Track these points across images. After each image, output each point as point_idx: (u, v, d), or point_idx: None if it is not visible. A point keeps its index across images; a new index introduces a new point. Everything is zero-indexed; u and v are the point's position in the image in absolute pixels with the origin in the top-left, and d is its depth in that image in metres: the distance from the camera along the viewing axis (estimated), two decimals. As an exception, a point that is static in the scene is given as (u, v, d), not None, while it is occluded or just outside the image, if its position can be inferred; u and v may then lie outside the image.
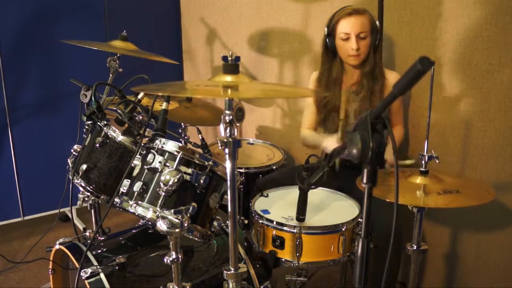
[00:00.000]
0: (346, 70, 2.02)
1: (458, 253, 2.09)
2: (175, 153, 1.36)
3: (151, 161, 1.37)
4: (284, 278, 1.67)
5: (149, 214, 1.33)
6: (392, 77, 1.98)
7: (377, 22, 1.93)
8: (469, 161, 1.98)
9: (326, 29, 1.95)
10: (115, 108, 1.60)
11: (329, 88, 2.02)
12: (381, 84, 1.95)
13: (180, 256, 1.31)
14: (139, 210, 1.35)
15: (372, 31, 1.90)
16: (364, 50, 1.91)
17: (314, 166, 1.52)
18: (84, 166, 1.60)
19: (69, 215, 2.96)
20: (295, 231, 1.56)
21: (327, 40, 1.96)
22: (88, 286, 1.40)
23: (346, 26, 1.89)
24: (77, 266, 1.44)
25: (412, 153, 2.16)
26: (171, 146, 1.37)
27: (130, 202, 1.37)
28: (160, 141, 1.39)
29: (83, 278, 1.40)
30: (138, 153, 1.42)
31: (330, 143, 1.86)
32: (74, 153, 1.70)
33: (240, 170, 2.19)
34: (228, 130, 1.20)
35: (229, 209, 1.26)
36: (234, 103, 1.20)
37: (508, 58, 1.80)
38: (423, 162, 1.50)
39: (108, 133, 1.60)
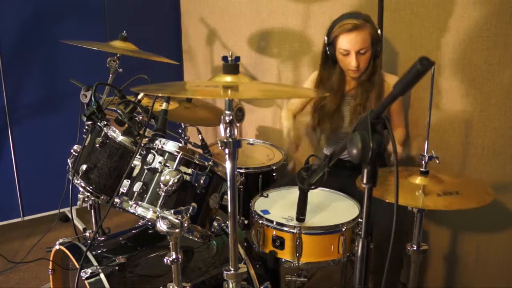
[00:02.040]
0: (345, 77, 2.02)
1: (458, 253, 2.09)
2: (175, 153, 1.36)
3: (151, 161, 1.37)
4: (284, 278, 1.67)
5: (149, 214, 1.33)
6: (392, 81, 1.97)
7: (379, 31, 1.90)
8: (469, 161, 1.98)
9: (326, 38, 1.92)
10: (115, 108, 1.60)
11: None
12: (378, 91, 1.94)
13: (180, 256, 1.31)
14: (139, 211, 1.35)
15: (373, 42, 1.86)
16: (364, 65, 1.89)
17: (314, 166, 1.52)
18: (84, 166, 1.60)
19: (69, 215, 2.96)
20: (295, 231, 1.56)
21: (327, 48, 1.93)
22: (88, 286, 1.40)
23: (346, 43, 1.84)
24: (77, 266, 1.44)
25: (412, 153, 2.16)
26: (171, 146, 1.37)
27: (130, 203, 1.37)
28: (160, 141, 1.39)
29: (83, 278, 1.40)
30: (138, 153, 1.42)
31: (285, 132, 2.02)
32: (74, 153, 1.70)
33: (240, 170, 2.19)
34: (228, 130, 1.20)
35: (229, 209, 1.26)
36: (234, 103, 1.20)
37: (508, 58, 1.79)
38: (423, 162, 1.50)
39: (108, 133, 1.60)
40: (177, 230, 1.27)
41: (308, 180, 1.51)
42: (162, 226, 1.27)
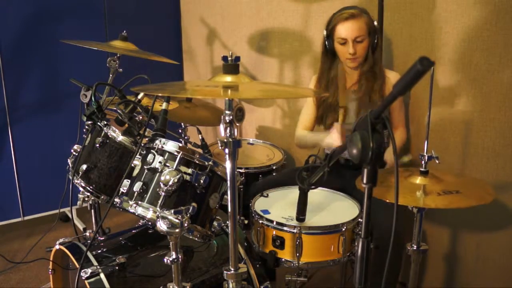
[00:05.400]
0: (346, 70, 2.02)
1: (458, 253, 2.09)
2: (175, 153, 1.36)
3: (151, 161, 1.37)
4: (284, 278, 1.67)
5: (149, 214, 1.33)
6: (392, 76, 1.98)
7: (376, 22, 1.92)
8: (469, 161, 1.98)
9: (325, 31, 1.96)
10: (115, 108, 1.60)
11: (328, 88, 2.03)
12: (380, 83, 1.95)
13: (180, 256, 1.31)
14: (139, 210, 1.35)
15: (370, 32, 1.89)
16: (361, 53, 1.91)
17: (314, 166, 1.52)
18: (84, 166, 1.60)
19: (69, 215, 2.96)
20: (295, 231, 1.56)
21: (326, 41, 1.97)
22: (88, 286, 1.40)
23: (343, 31, 1.89)
24: (77, 266, 1.44)
25: (412, 152, 2.16)
26: (171, 146, 1.37)
27: (130, 202, 1.37)
28: (160, 141, 1.39)
29: (83, 278, 1.40)
30: (138, 153, 1.42)
31: (334, 138, 1.85)
32: (74, 153, 1.70)
33: (240, 170, 2.19)
34: (228, 130, 1.20)
35: (229, 209, 1.26)
36: (234, 103, 1.20)
37: (508, 58, 1.79)
38: (423, 162, 1.50)
39: (108, 133, 1.60)
40: (177, 230, 1.27)
41: (308, 180, 1.51)
42: (162, 226, 1.27)
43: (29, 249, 2.54)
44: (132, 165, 1.41)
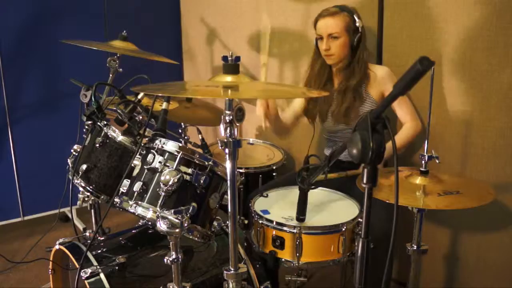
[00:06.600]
0: (332, 69, 2.06)
1: (458, 253, 2.09)
2: (175, 153, 1.36)
3: (151, 161, 1.37)
4: (284, 278, 1.67)
5: (149, 214, 1.33)
6: (379, 71, 1.99)
7: (358, 24, 1.91)
8: (469, 161, 1.98)
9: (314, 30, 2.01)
10: (115, 108, 1.60)
11: (312, 83, 2.08)
12: (358, 80, 1.96)
13: (180, 256, 1.31)
14: (139, 210, 1.35)
15: (348, 31, 1.92)
16: (337, 50, 1.94)
17: (314, 166, 1.52)
18: (84, 166, 1.60)
19: (69, 215, 2.96)
20: (295, 231, 1.56)
21: (315, 39, 2.02)
22: (88, 286, 1.40)
23: (319, 28, 1.96)
24: (77, 266, 1.44)
25: (412, 153, 2.16)
26: (171, 146, 1.37)
27: (130, 202, 1.37)
28: (160, 141, 1.39)
29: (83, 278, 1.40)
30: (138, 153, 1.42)
31: (257, 106, 2.06)
32: (74, 153, 1.70)
33: (240, 170, 2.19)
34: (228, 130, 1.20)
35: (229, 209, 1.26)
36: (234, 103, 1.20)
37: (508, 58, 1.79)
38: (423, 162, 1.50)
39: (108, 133, 1.60)
40: (177, 230, 1.27)
41: (308, 180, 1.51)
42: (162, 226, 1.27)
43: (29, 249, 2.54)
44: (132, 165, 1.42)
